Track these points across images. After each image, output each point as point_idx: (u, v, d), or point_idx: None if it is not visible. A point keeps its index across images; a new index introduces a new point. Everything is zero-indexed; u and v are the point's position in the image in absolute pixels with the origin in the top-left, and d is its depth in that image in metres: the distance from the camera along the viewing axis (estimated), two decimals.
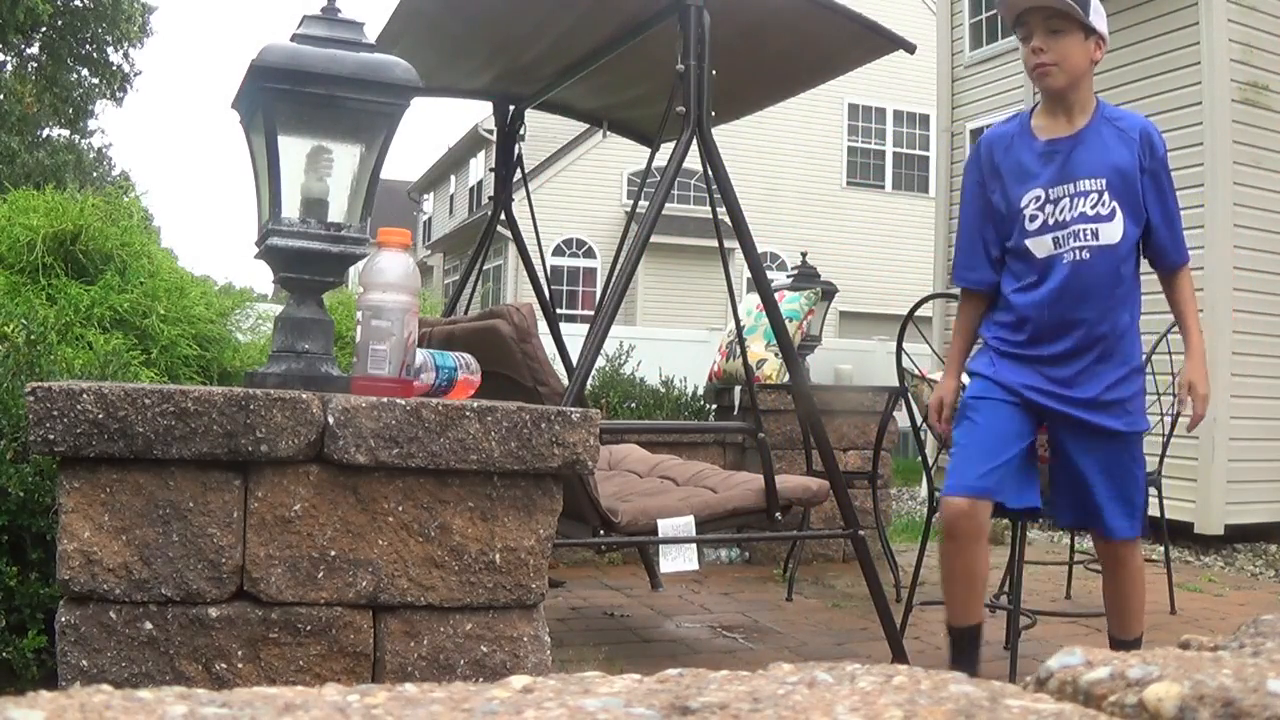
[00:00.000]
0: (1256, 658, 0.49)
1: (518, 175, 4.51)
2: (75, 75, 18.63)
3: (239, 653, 1.70)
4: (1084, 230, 2.49)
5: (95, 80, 18.94)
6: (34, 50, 18.11)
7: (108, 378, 2.62)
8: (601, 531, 2.84)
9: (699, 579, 4.60)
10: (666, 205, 3.16)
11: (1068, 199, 2.52)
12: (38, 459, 2.10)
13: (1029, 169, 2.55)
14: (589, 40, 3.67)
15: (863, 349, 12.64)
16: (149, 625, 1.67)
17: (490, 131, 7.18)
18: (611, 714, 0.41)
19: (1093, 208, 2.49)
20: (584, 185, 19.12)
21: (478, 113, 19.99)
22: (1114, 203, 2.48)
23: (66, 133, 20.12)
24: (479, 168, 22.77)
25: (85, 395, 1.62)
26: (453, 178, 26.03)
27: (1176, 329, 4.05)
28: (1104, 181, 2.51)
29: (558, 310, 4.85)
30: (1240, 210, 5.70)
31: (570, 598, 4.12)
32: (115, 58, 18.84)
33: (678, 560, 2.97)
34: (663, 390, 5.96)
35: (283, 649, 1.72)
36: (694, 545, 3.01)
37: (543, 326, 3.26)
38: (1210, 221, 5.70)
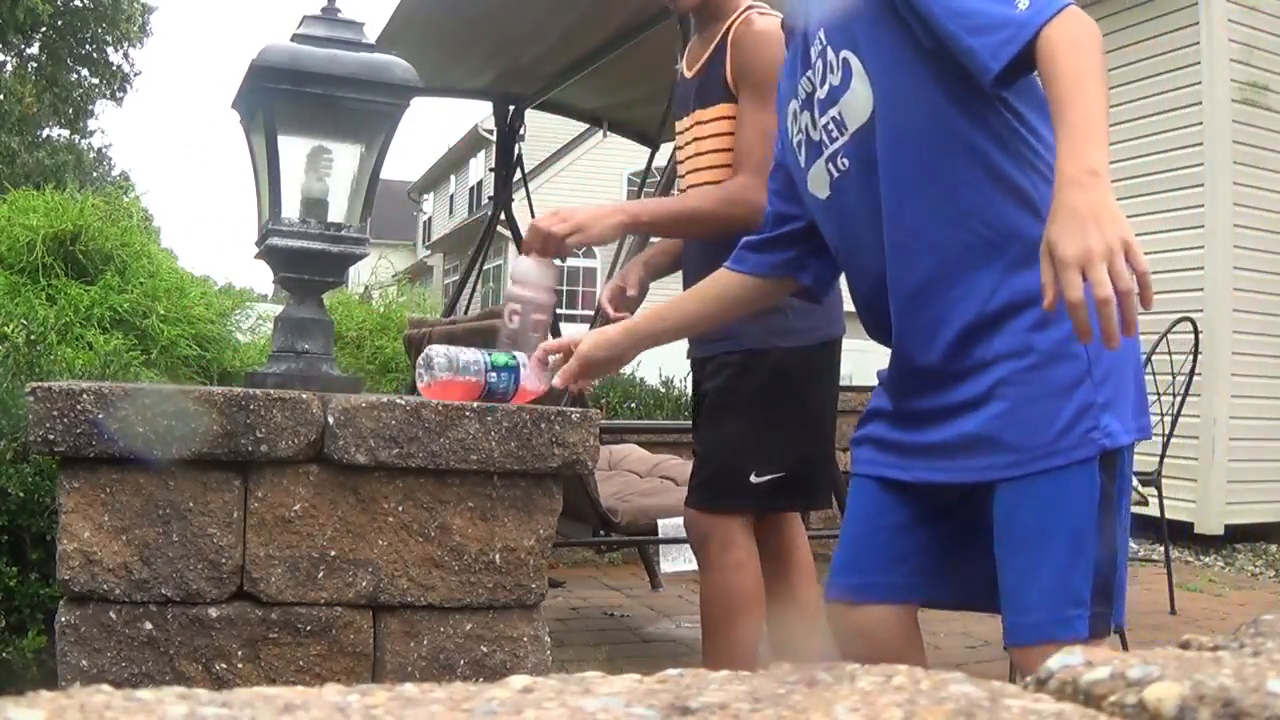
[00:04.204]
0: (1256, 658, 0.49)
1: (518, 175, 4.51)
2: (75, 75, 18.63)
3: (239, 653, 1.70)
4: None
5: (95, 80, 18.94)
6: (34, 50, 18.11)
7: (108, 378, 2.62)
8: (601, 531, 2.84)
9: (699, 579, 4.59)
10: None
11: None
12: (38, 459, 2.10)
13: None
14: (589, 40, 3.68)
15: (863, 349, 12.62)
16: (149, 625, 1.67)
17: (490, 131, 7.19)
18: (611, 714, 0.41)
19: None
20: (584, 185, 19.11)
21: (478, 113, 20.02)
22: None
23: (66, 133, 20.12)
24: (479, 168, 22.77)
25: (85, 395, 1.62)
26: (453, 178, 26.03)
27: (1177, 328, 4.03)
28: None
29: (558, 310, 4.85)
30: (1240, 210, 5.70)
31: (570, 598, 4.12)
32: (115, 58, 18.85)
33: (678, 560, 2.97)
34: (663, 390, 5.96)
35: (283, 649, 1.72)
36: None
37: None
38: (1210, 221, 5.69)
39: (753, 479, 2.08)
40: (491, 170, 4.88)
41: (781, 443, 2.11)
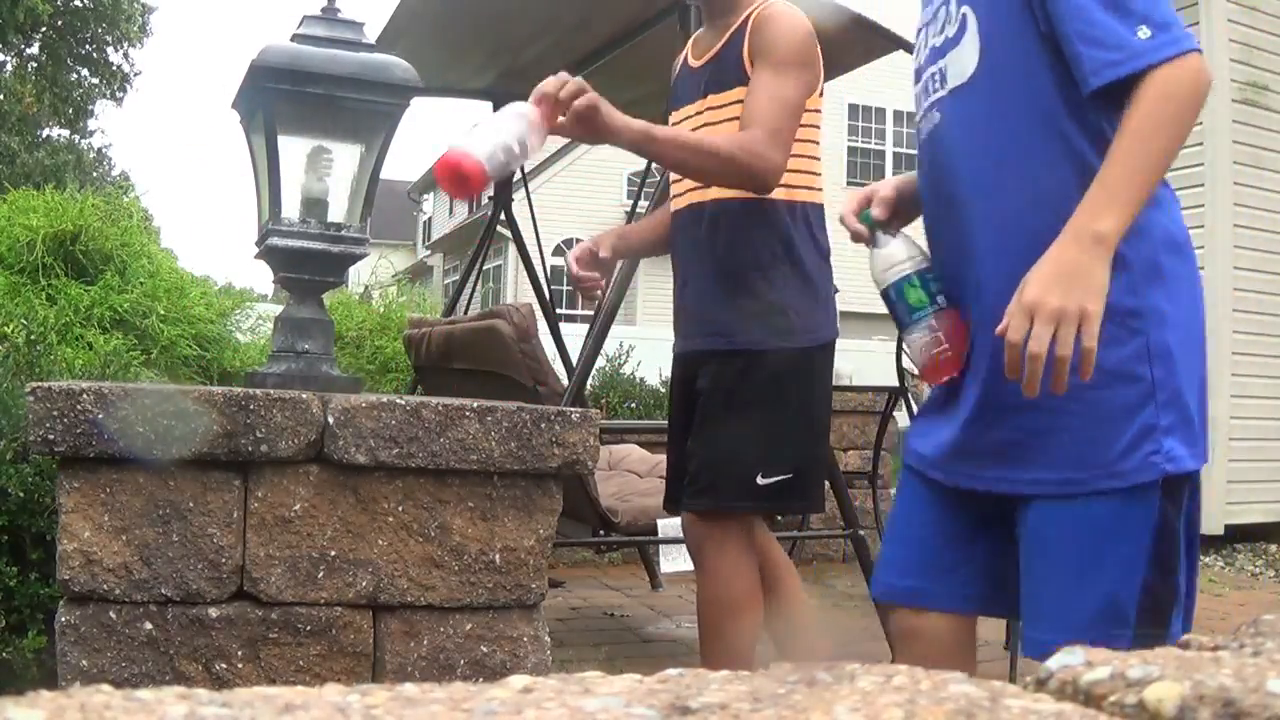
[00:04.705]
0: (1256, 658, 0.49)
1: (517, 175, 4.51)
2: (75, 75, 18.63)
3: (239, 653, 1.70)
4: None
5: (95, 80, 18.94)
6: (34, 50, 18.11)
7: (108, 378, 2.62)
8: (601, 531, 2.84)
9: (696, 581, 4.60)
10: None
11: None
12: (38, 459, 2.10)
13: None
14: (589, 40, 3.68)
15: (863, 349, 12.61)
16: (149, 625, 1.67)
17: None
18: (611, 714, 0.41)
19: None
20: (584, 185, 19.10)
21: (478, 113, 20.01)
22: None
23: (66, 133, 20.12)
24: None
25: (85, 395, 1.62)
26: None
27: None
28: None
29: (558, 310, 4.86)
30: (1240, 210, 5.70)
31: (570, 598, 4.12)
32: (115, 58, 18.84)
33: (678, 560, 2.97)
34: (663, 390, 5.95)
35: (283, 649, 1.72)
36: None
37: (542, 326, 3.26)
38: (1210, 221, 5.70)
39: (759, 481, 2.06)
40: None
41: (787, 444, 2.09)
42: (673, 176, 2.22)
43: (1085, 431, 1.30)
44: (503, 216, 4.56)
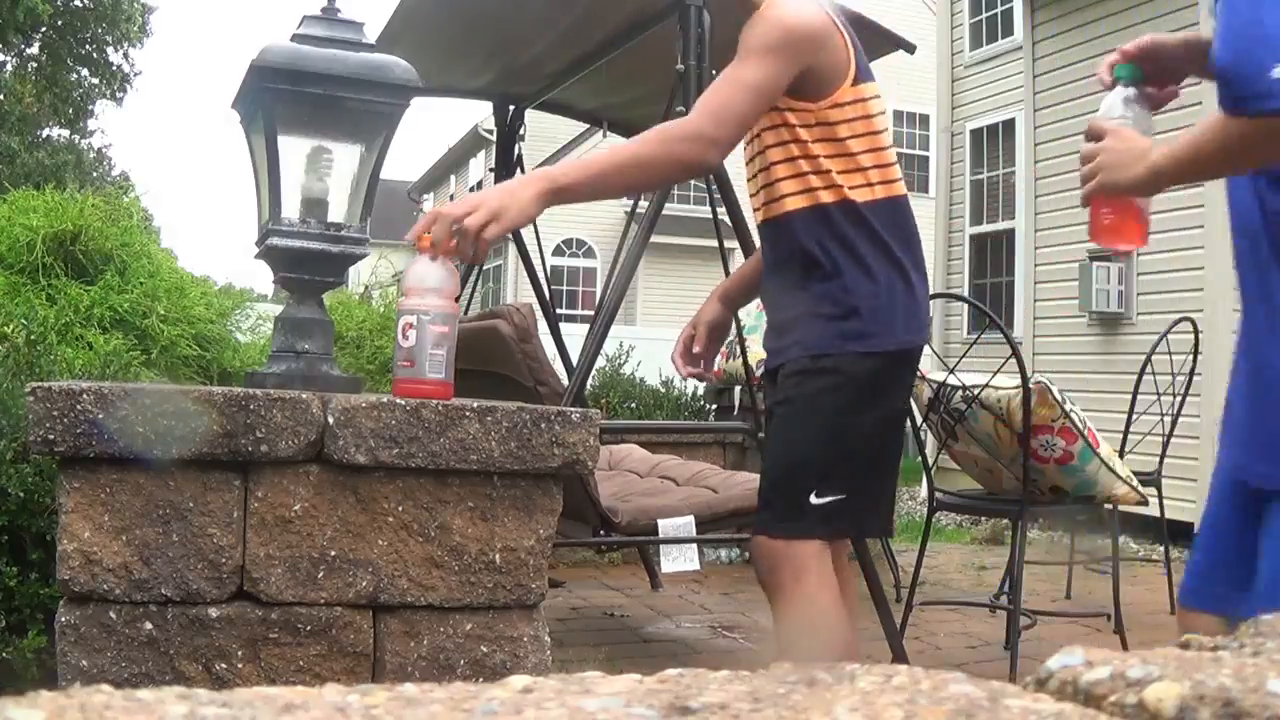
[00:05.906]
0: (1256, 658, 0.49)
1: (518, 175, 4.51)
2: (75, 75, 18.65)
3: (239, 653, 1.70)
4: None
5: (95, 80, 18.95)
6: (34, 50, 18.12)
7: (108, 378, 2.62)
8: (601, 531, 2.84)
9: (699, 579, 4.60)
10: (666, 205, 3.16)
11: None
12: (38, 459, 2.10)
13: None
14: (589, 40, 3.68)
15: None
16: (149, 625, 1.67)
17: (490, 131, 7.20)
18: (611, 714, 0.41)
19: None
20: None
21: (478, 113, 19.98)
22: None
23: (66, 133, 20.12)
24: (479, 168, 22.75)
25: (85, 395, 1.62)
26: (453, 178, 26.02)
27: (1177, 328, 4.02)
28: None
29: (558, 310, 4.86)
30: None
31: (570, 598, 4.12)
32: (115, 58, 18.86)
33: (678, 560, 2.97)
34: (663, 390, 5.96)
35: (283, 649, 1.72)
36: (694, 545, 3.01)
37: (543, 326, 3.26)
38: (1210, 221, 5.69)
39: (813, 500, 1.87)
40: (491, 170, 4.88)
41: (846, 460, 1.90)
42: (748, 190, 2.09)
43: None
44: None
